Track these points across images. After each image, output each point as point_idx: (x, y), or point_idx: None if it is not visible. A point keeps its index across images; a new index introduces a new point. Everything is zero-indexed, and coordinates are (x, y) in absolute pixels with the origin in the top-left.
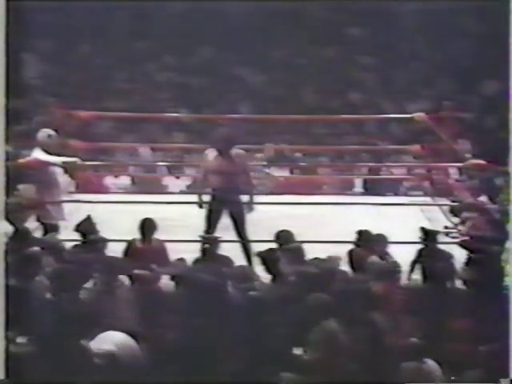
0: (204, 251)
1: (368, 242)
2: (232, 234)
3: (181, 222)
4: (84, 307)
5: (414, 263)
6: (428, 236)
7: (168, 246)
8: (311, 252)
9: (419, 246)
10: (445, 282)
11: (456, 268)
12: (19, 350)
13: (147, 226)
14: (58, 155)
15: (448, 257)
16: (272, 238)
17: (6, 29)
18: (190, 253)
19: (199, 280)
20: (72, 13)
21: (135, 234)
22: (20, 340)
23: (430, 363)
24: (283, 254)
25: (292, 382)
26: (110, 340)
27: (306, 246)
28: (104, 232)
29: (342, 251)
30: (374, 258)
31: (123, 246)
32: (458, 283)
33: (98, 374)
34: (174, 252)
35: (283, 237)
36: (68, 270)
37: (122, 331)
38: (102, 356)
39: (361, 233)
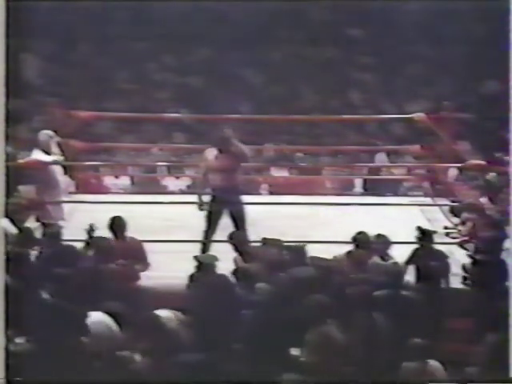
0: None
1: (367, 244)
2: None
3: (180, 223)
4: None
5: (407, 263)
6: (424, 236)
7: (167, 246)
8: (311, 252)
9: (414, 246)
10: (439, 282)
11: (451, 268)
12: (18, 349)
13: (116, 224)
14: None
15: (443, 257)
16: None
17: (5, 29)
18: (190, 253)
19: None
20: (72, 13)
21: (134, 234)
22: (19, 340)
23: (430, 363)
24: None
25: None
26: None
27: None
28: (104, 232)
29: (342, 251)
30: (376, 259)
31: None
32: (456, 283)
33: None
34: (174, 252)
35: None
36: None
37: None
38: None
39: (358, 234)
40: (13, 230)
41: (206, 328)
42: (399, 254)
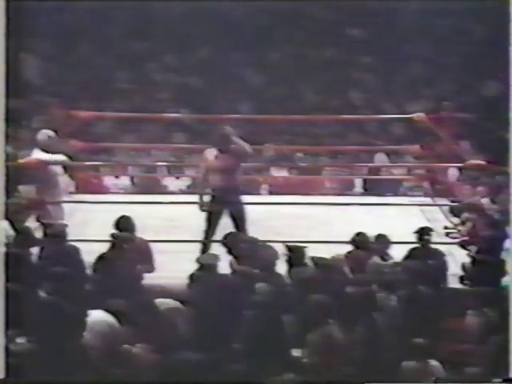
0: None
1: (367, 244)
2: None
3: (180, 222)
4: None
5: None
6: (422, 234)
7: (167, 246)
8: (311, 252)
9: (411, 246)
10: (437, 281)
11: (448, 266)
12: (19, 349)
13: (123, 224)
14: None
15: (440, 255)
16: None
17: (6, 29)
18: (190, 253)
19: None
20: (72, 13)
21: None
22: (19, 340)
23: (430, 363)
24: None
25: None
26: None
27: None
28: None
29: (342, 251)
30: (376, 259)
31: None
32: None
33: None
34: (174, 252)
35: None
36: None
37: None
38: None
39: (357, 235)
40: (11, 232)
41: (207, 327)
42: (399, 253)
